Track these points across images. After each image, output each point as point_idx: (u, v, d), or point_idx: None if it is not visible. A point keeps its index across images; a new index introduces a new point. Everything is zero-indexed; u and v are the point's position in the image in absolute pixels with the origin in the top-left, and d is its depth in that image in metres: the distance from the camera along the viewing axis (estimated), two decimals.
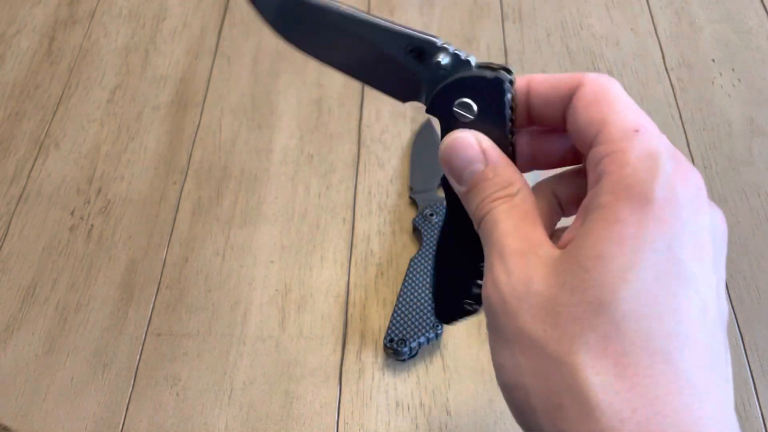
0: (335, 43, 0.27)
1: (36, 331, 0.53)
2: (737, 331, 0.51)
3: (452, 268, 0.30)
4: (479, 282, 0.28)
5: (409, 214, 0.57)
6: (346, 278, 0.54)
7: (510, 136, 0.26)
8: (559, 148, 0.27)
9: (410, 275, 0.52)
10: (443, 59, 0.25)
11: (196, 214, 0.58)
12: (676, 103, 0.64)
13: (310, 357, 0.51)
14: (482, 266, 0.27)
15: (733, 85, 0.65)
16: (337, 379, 0.50)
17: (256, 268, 0.55)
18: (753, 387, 0.49)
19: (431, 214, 0.55)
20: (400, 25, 0.26)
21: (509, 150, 0.26)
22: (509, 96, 0.25)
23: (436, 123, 0.63)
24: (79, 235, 0.58)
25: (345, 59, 0.27)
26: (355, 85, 0.66)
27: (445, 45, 0.25)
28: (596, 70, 0.67)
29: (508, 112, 0.25)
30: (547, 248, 0.22)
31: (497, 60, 0.67)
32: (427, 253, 0.53)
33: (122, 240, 0.57)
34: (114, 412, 0.49)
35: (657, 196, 0.20)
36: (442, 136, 0.26)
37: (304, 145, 0.62)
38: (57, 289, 0.55)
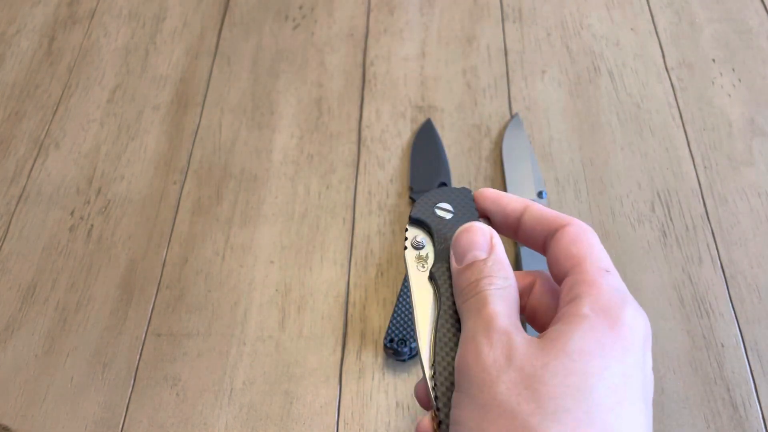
0: None
1: (36, 331, 0.53)
2: (737, 331, 0.51)
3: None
4: None
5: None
6: (346, 278, 0.54)
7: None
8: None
9: None
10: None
11: (196, 214, 0.58)
12: (677, 103, 0.64)
13: (310, 357, 0.51)
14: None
15: (734, 85, 0.65)
16: (337, 379, 0.50)
17: (256, 268, 0.55)
18: (753, 387, 0.48)
19: None
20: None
21: None
22: (473, 204, 0.31)
23: (436, 122, 0.63)
24: (79, 235, 0.58)
25: None
26: (355, 85, 0.66)
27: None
28: (596, 70, 0.67)
29: (476, 216, 0.30)
30: (525, 334, 0.26)
31: (497, 60, 0.67)
32: None
33: (122, 240, 0.57)
34: (114, 412, 0.49)
35: (627, 322, 0.25)
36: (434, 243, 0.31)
37: (304, 145, 0.62)
38: (57, 289, 0.55)
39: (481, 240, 0.28)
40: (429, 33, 0.70)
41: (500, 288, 0.27)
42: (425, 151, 0.60)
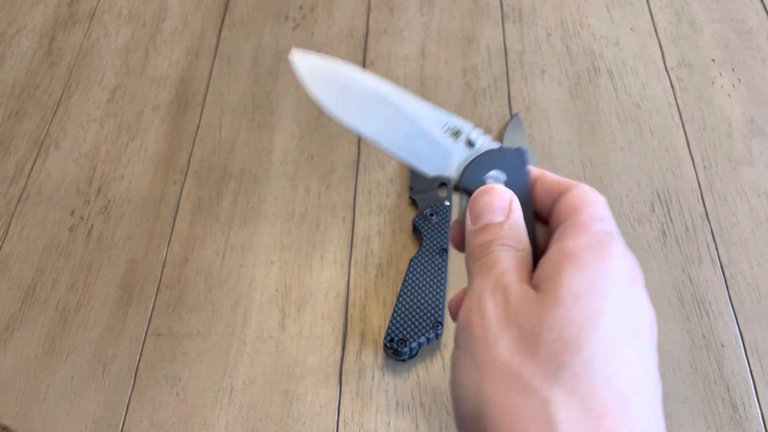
0: (377, 115, 0.31)
1: (36, 331, 0.53)
2: (737, 331, 0.51)
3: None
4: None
5: (409, 214, 0.57)
6: (346, 278, 0.54)
7: (533, 208, 0.29)
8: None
9: (410, 275, 0.52)
10: (477, 138, 0.30)
11: (196, 214, 0.58)
12: (676, 103, 0.64)
13: (310, 357, 0.51)
14: None
15: (733, 85, 0.65)
16: (337, 379, 0.50)
17: (256, 268, 0.55)
18: (753, 387, 0.48)
19: (431, 214, 0.55)
20: (440, 109, 0.30)
21: (530, 222, 0.28)
22: (529, 167, 0.29)
23: None
24: (79, 235, 0.58)
25: (383, 131, 0.31)
26: None
27: (477, 129, 0.30)
28: (596, 70, 0.67)
29: (529, 180, 0.29)
30: (526, 288, 0.25)
31: (497, 60, 0.67)
32: (427, 253, 0.53)
33: (122, 240, 0.57)
34: (114, 412, 0.49)
35: (613, 255, 0.24)
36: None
37: (304, 145, 0.62)
38: (57, 289, 0.55)
39: (500, 203, 0.28)
40: (429, 33, 0.70)
41: (512, 251, 0.26)
42: None
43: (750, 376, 0.49)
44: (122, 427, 0.48)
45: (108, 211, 0.59)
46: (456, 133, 0.30)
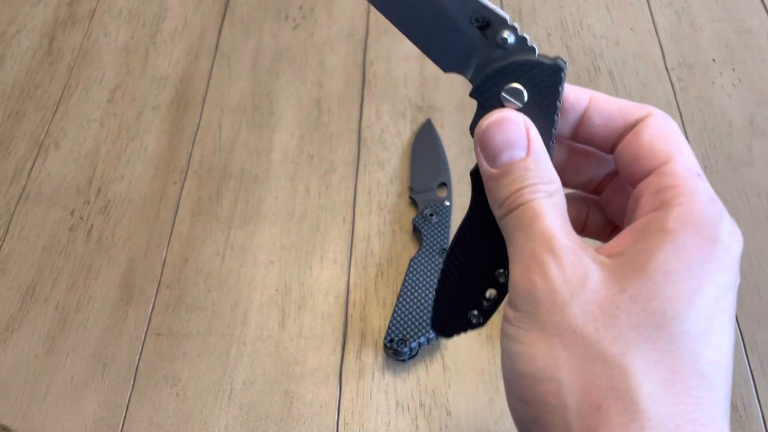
0: None
1: (36, 331, 0.53)
2: (737, 330, 0.51)
3: (464, 275, 0.28)
4: (492, 289, 0.28)
5: (409, 214, 0.57)
6: (346, 278, 0.54)
7: (554, 133, 0.24)
8: (593, 171, 0.27)
9: (410, 275, 0.52)
10: (510, 37, 0.24)
11: (196, 214, 0.58)
12: (677, 103, 0.64)
13: (310, 357, 0.51)
14: (500, 273, 0.27)
15: (734, 85, 0.65)
16: (337, 379, 0.50)
17: (256, 268, 0.55)
18: (753, 387, 0.48)
19: (431, 214, 0.55)
20: None
21: (551, 148, 0.25)
22: (563, 87, 0.24)
23: (436, 122, 0.63)
24: (78, 235, 0.58)
25: (402, 9, 0.26)
26: (355, 85, 0.66)
27: (514, 25, 0.24)
28: (596, 69, 0.67)
29: (559, 104, 0.24)
30: (592, 253, 0.23)
31: None
32: (427, 253, 0.53)
33: (122, 240, 0.57)
34: (114, 412, 0.49)
35: (722, 240, 0.22)
36: (477, 123, 0.25)
37: (304, 145, 0.62)
38: (57, 289, 0.55)
39: (516, 135, 0.23)
40: None
41: (549, 195, 0.23)
42: (425, 151, 0.60)
43: (750, 376, 0.49)
44: (122, 427, 0.48)
45: (108, 211, 0.59)
46: (485, 26, 0.24)
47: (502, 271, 0.27)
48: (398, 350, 0.48)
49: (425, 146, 0.61)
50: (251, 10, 0.73)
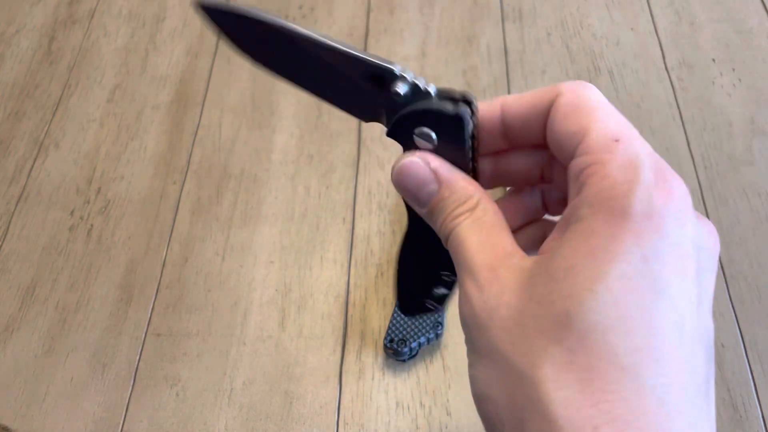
0: (294, 60, 0.26)
1: (36, 331, 0.53)
2: (737, 330, 0.51)
3: (414, 275, 0.30)
4: (440, 286, 0.29)
5: None
6: (346, 278, 0.54)
7: (471, 161, 0.25)
8: (522, 167, 0.26)
9: None
10: (401, 88, 0.24)
11: (196, 214, 0.58)
12: (677, 103, 0.64)
13: (310, 357, 0.51)
14: (445, 275, 0.28)
15: (734, 85, 0.65)
16: (337, 379, 0.50)
17: (256, 268, 0.55)
18: (753, 387, 0.48)
19: None
20: (359, 51, 0.24)
21: (470, 173, 0.25)
22: (470, 128, 0.24)
23: None
24: (78, 235, 0.58)
25: (304, 76, 0.26)
26: None
27: (403, 73, 0.24)
28: (596, 69, 0.67)
29: (468, 143, 0.25)
30: (517, 259, 0.22)
31: (497, 60, 0.67)
32: None
33: (122, 240, 0.57)
34: (114, 412, 0.49)
35: (634, 209, 0.19)
36: None
37: (304, 145, 0.62)
38: (57, 289, 0.55)
39: (422, 174, 0.24)
40: (429, 33, 0.70)
41: (469, 213, 0.23)
42: None
43: (750, 376, 0.49)
44: (122, 427, 0.48)
45: (108, 211, 0.59)
46: (378, 82, 0.24)
47: (447, 273, 0.29)
48: (398, 350, 0.48)
49: None
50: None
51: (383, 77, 0.24)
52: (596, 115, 0.21)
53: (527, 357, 0.19)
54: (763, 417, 0.47)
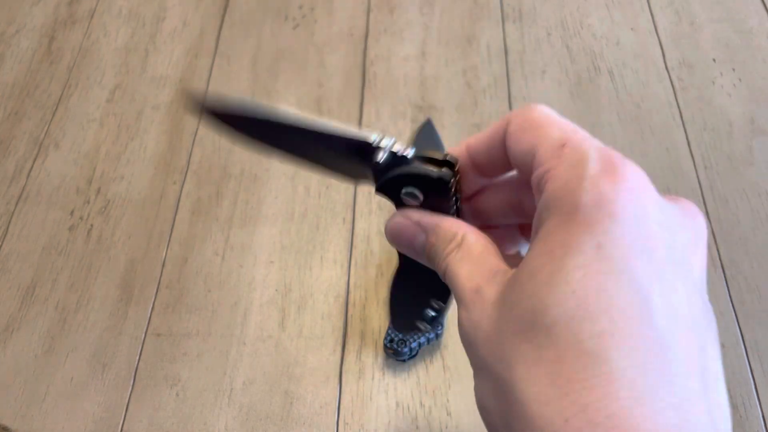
0: (285, 142, 0.27)
1: (36, 331, 0.52)
2: (737, 330, 0.51)
3: (406, 302, 0.33)
4: (431, 310, 0.31)
5: None
6: (346, 278, 0.54)
7: (456, 209, 0.27)
8: (496, 203, 0.27)
9: None
10: (380, 157, 0.25)
11: (196, 214, 0.58)
12: (677, 103, 0.64)
13: (310, 357, 0.51)
14: (435, 302, 0.30)
15: (734, 85, 0.65)
16: (337, 379, 0.50)
17: (255, 268, 0.55)
18: (753, 387, 0.48)
19: None
20: (337, 125, 0.26)
21: (457, 212, 0.27)
22: (453, 190, 0.26)
23: (436, 122, 0.63)
24: (78, 235, 0.58)
25: (295, 153, 0.28)
26: (355, 84, 0.66)
27: (379, 144, 0.25)
28: (596, 69, 0.66)
29: (453, 200, 0.26)
30: (500, 275, 0.22)
31: (497, 60, 0.67)
32: None
33: (122, 240, 0.57)
34: (114, 412, 0.49)
35: (583, 201, 0.20)
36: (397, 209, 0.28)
37: None
38: (56, 289, 0.55)
39: (411, 230, 0.27)
40: (429, 33, 0.70)
41: (457, 249, 0.24)
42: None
43: (750, 376, 0.49)
44: (122, 427, 0.48)
45: (107, 211, 0.59)
46: (360, 153, 0.26)
47: (438, 301, 0.31)
48: (398, 350, 0.48)
49: (425, 146, 0.61)
50: (251, 10, 0.73)
51: (363, 149, 0.26)
52: (543, 130, 0.22)
53: (503, 362, 0.20)
54: (763, 417, 0.47)
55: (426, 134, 0.62)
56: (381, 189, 0.28)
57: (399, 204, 0.28)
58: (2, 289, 0.55)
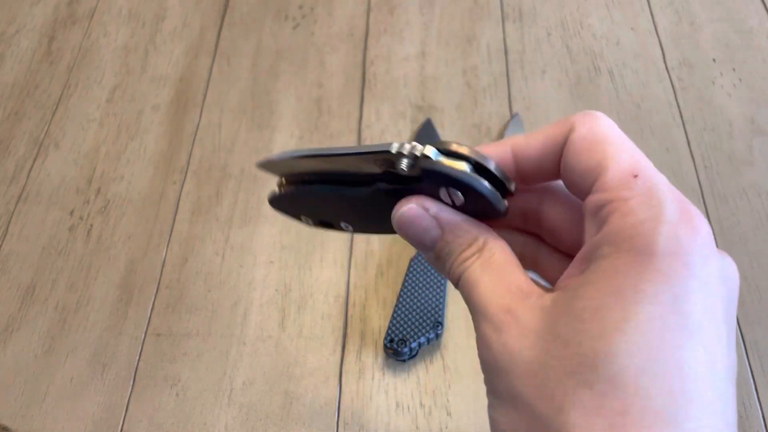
0: (323, 178, 0.26)
1: (35, 331, 0.52)
2: (738, 330, 0.51)
3: (316, 209, 0.29)
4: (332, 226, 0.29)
5: None
6: (346, 278, 0.54)
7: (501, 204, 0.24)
8: (511, 205, 0.25)
9: (410, 275, 0.52)
10: (404, 164, 0.23)
11: (196, 213, 0.58)
12: (677, 103, 0.64)
13: (310, 357, 0.51)
14: (343, 224, 0.28)
15: (734, 85, 0.65)
16: (337, 379, 0.50)
17: (255, 268, 0.55)
18: (753, 387, 0.48)
19: None
20: (356, 148, 0.24)
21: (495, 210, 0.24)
22: (485, 186, 0.23)
23: (436, 122, 0.63)
24: (78, 235, 0.58)
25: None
26: (355, 84, 0.66)
27: (401, 151, 0.23)
28: (596, 69, 0.66)
29: (487, 190, 0.24)
30: (534, 298, 0.21)
31: (497, 60, 0.67)
32: None
33: (122, 240, 0.57)
34: (113, 412, 0.49)
35: (660, 249, 0.19)
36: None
37: (304, 145, 0.62)
38: (56, 289, 0.55)
39: (421, 216, 0.24)
40: (429, 33, 0.70)
41: (478, 255, 0.22)
42: None
43: (751, 376, 0.49)
44: (122, 427, 0.48)
45: (107, 211, 0.59)
46: (392, 165, 0.24)
47: (346, 222, 0.28)
48: (398, 350, 0.48)
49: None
50: (251, 9, 0.73)
51: (391, 160, 0.24)
52: (612, 149, 0.21)
53: (552, 402, 0.19)
54: (763, 417, 0.47)
55: (426, 134, 0.62)
56: (422, 176, 0.24)
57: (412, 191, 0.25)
58: (2, 289, 0.55)
